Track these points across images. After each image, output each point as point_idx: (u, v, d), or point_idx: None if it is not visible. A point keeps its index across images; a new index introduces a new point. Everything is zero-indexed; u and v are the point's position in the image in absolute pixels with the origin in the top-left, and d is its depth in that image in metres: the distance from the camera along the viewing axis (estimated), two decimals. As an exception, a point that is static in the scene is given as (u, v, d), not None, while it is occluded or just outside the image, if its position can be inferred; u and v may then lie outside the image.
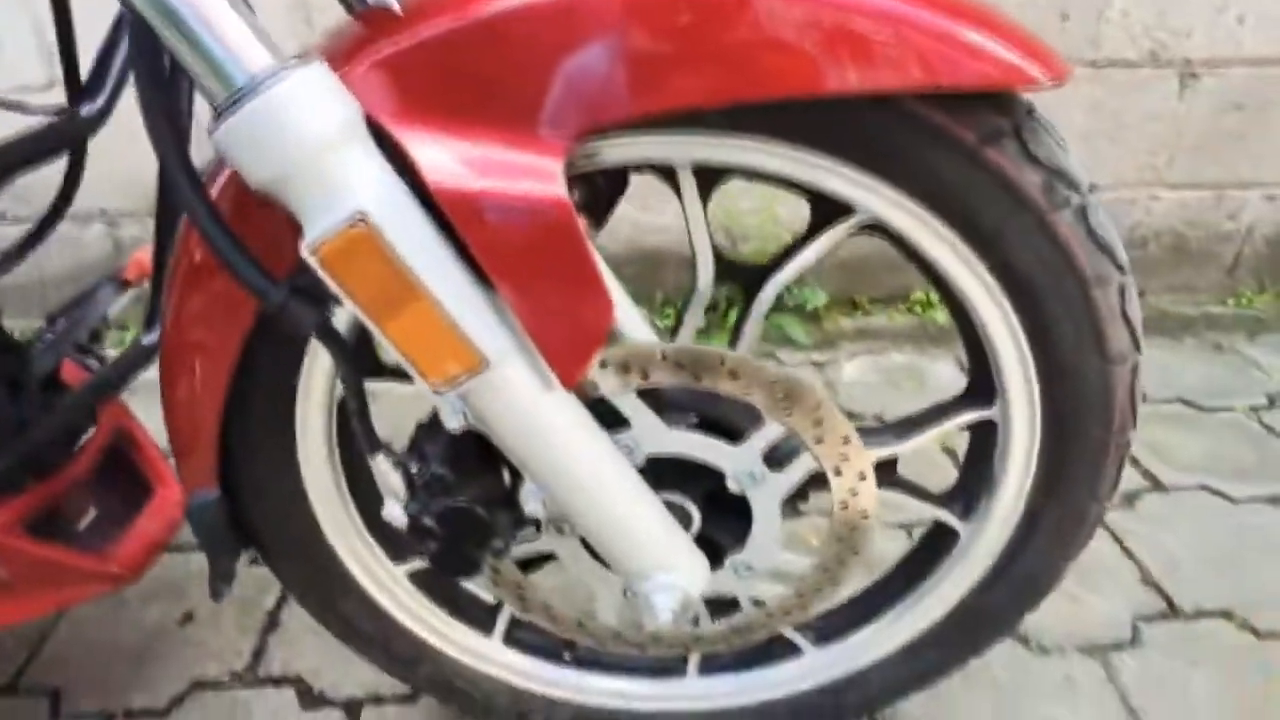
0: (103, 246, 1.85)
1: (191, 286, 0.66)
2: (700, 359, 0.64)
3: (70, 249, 1.86)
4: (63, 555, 0.83)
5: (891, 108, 0.57)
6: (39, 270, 1.87)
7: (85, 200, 1.82)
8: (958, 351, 1.90)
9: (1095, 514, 0.77)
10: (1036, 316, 0.65)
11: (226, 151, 0.47)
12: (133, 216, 1.82)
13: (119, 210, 1.83)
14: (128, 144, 1.77)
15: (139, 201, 1.83)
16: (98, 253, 1.85)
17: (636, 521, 0.65)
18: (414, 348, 0.52)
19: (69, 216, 1.86)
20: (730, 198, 1.90)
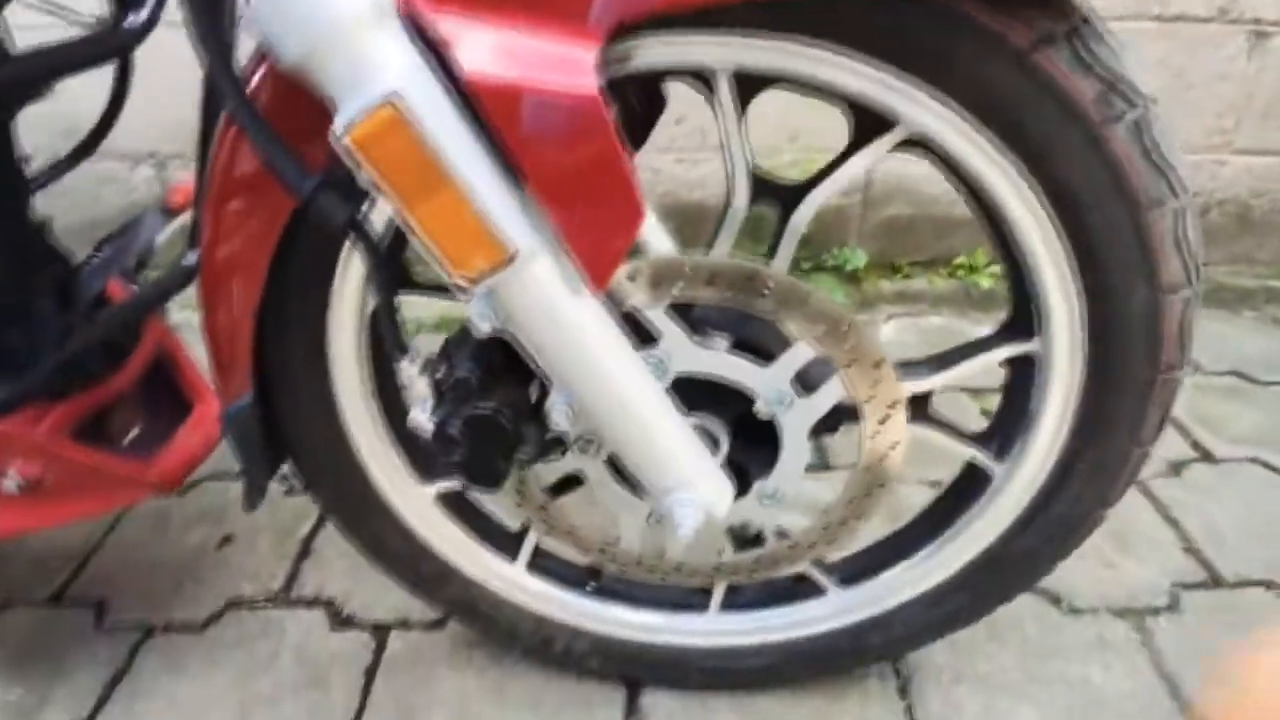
0: (150, 189, 1.89)
1: (227, 193, 0.67)
2: (734, 273, 0.63)
3: (119, 191, 1.90)
4: (106, 461, 0.85)
5: (939, 8, 0.55)
6: (89, 211, 1.92)
7: (134, 142, 1.87)
8: (998, 318, 1.84)
9: (1137, 458, 0.74)
10: (1084, 240, 0.63)
11: (260, 24, 0.47)
12: (180, 159, 1.86)
13: (167, 153, 1.86)
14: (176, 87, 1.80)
15: (186, 144, 1.85)
16: (145, 194, 1.89)
17: (662, 435, 0.64)
18: (442, 238, 0.52)
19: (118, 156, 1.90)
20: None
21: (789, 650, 0.95)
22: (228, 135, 0.64)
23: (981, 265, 1.96)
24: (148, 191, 1.89)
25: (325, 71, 0.48)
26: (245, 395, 0.74)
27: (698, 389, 0.71)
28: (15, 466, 0.81)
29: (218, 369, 0.75)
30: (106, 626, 1.12)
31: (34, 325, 0.81)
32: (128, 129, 1.88)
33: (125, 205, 1.88)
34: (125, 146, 1.85)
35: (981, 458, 0.81)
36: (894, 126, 0.62)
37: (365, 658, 1.08)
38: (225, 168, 0.65)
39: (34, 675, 1.05)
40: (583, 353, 0.59)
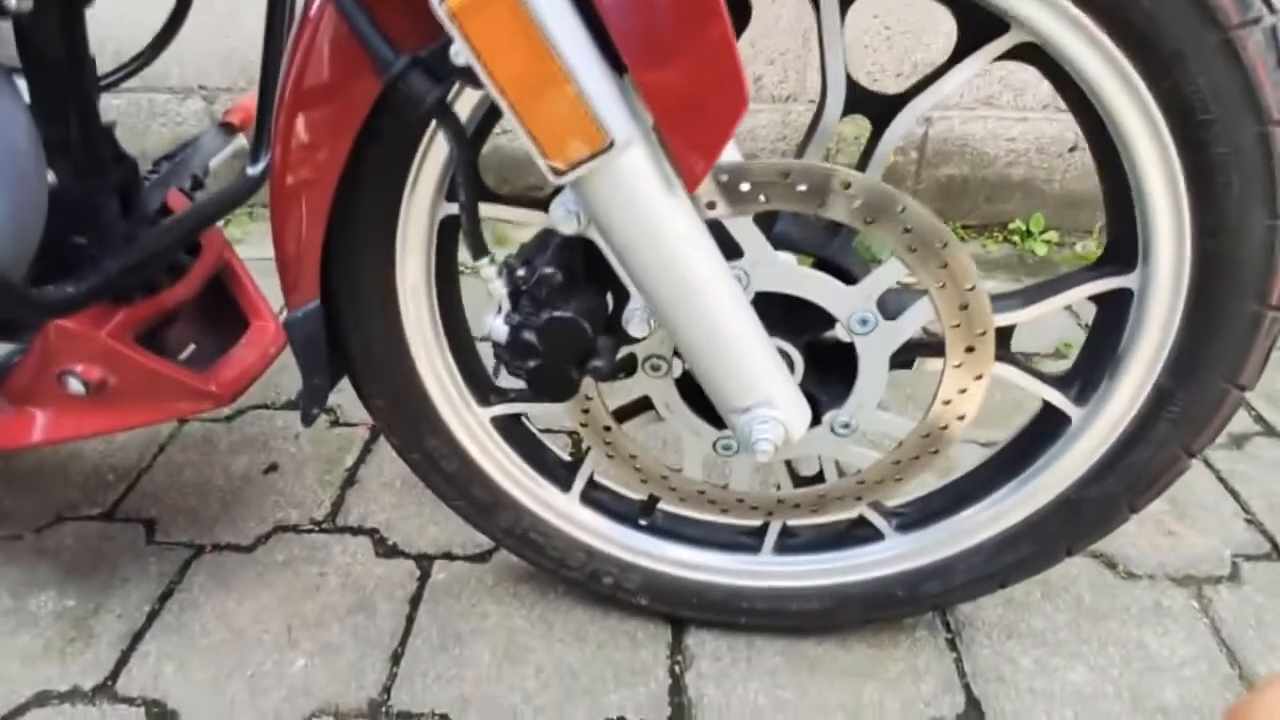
0: (200, 121, 1.89)
1: (302, 97, 0.65)
2: (825, 179, 0.60)
3: (168, 123, 1.90)
4: (167, 368, 0.85)
5: (1075, -107, 0.51)
6: (138, 144, 1.92)
7: (184, 75, 1.86)
8: (1055, 285, 1.80)
9: (1232, 402, 0.71)
10: (1203, 159, 0.59)
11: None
12: (230, 92, 1.85)
13: (217, 86, 1.86)
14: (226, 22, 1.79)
15: (236, 78, 1.85)
16: (196, 127, 1.89)
17: (745, 349, 0.62)
18: (539, 119, 0.50)
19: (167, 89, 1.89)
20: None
21: (841, 595, 0.94)
22: (303, 38, 0.63)
23: (1038, 231, 1.91)
24: (197, 124, 1.89)
25: (428, -68, 0.46)
26: (312, 301, 0.73)
27: (773, 307, 0.69)
28: (80, 368, 0.81)
29: (284, 274, 0.74)
30: (157, 542, 1.14)
31: (100, 225, 0.80)
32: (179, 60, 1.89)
33: (174, 138, 1.88)
34: (175, 79, 1.85)
35: (1060, 399, 0.78)
36: (1004, 31, 0.59)
37: (410, 586, 1.08)
38: (300, 72, 0.64)
39: (87, 586, 1.07)
40: (672, 255, 0.57)
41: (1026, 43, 0.59)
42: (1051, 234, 1.92)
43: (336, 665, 0.97)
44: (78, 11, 0.72)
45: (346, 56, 0.60)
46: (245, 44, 1.81)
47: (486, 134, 0.69)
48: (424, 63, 0.52)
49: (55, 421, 0.84)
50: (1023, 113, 1.79)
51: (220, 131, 1.13)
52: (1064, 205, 1.90)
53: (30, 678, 0.95)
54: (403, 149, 0.68)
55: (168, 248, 0.84)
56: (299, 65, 0.63)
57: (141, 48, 0.98)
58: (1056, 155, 1.84)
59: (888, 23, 1.71)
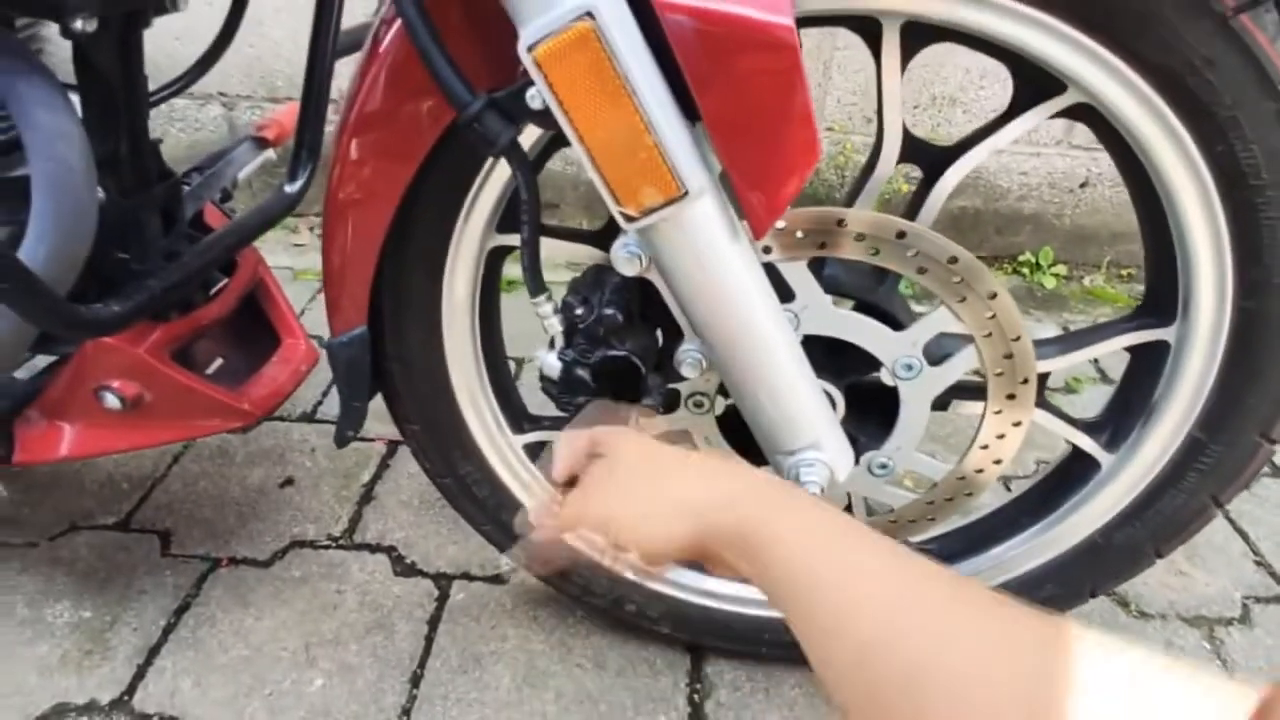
0: (219, 128, 1.88)
1: (366, 125, 0.66)
2: (880, 228, 0.61)
3: (186, 128, 1.90)
4: (202, 385, 0.85)
5: (1140, -36, 0.52)
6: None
7: (204, 82, 1.86)
8: (1062, 319, 1.82)
9: (1264, 454, 0.72)
10: (1252, 222, 0.60)
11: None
12: (249, 100, 1.85)
13: (236, 93, 1.86)
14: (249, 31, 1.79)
15: (256, 86, 1.85)
16: (214, 134, 1.88)
17: (796, 394, 0.63)
18: (615, 166, 0.51)
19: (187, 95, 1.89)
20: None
21: (864, 629, 0.94)
22: (372, 65, 0.63)
23: (1046, 264, 1.93)
24: (216, 131, 1.88)
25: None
26: (359, 327, 0.73)
27: (817, 348, 0.69)
28: (117, 383, 0.80)
29: (331, 297, 0.74)
30: (172, 554, 1.13)
31: (144, 242, 0.80)
32: (200, 67, 1.86)
33: (191, 144, 1.88)
34: (195, 86, 1.84)
35: (1091, 445, 0.79)
36: (1061, 90, 0.60)
37: (429, 606, 1.08)
38: (367, 97, 0.64)
39: (103, 598, 1.06)
40: (733, 301, 0.57)
41: (1080, 102, 0.61)
42: (1060, 267, 1.94)
43: (355, 686, 0.97)
44: (137, 32, 0.73)
45: (416, 89, 0.61)
46: (267, 53, 1.81)
47: (541, 168, 0.70)
48: (499, 104, 0.53)
49: (88, 436, 0.84)
50: (1036, 148, 1.82)
51: (252, 145, 1.13)
52: (1073, 240, 1.92)
53: (49, 689, 0.95)
54: (461, 180, 0.68)
55: (208, 265, 0.84)
56: (367, 92, 0.64)
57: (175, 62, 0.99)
58: (1067, 190, 1.87)
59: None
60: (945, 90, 1.77)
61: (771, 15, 0.48)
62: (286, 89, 1.84)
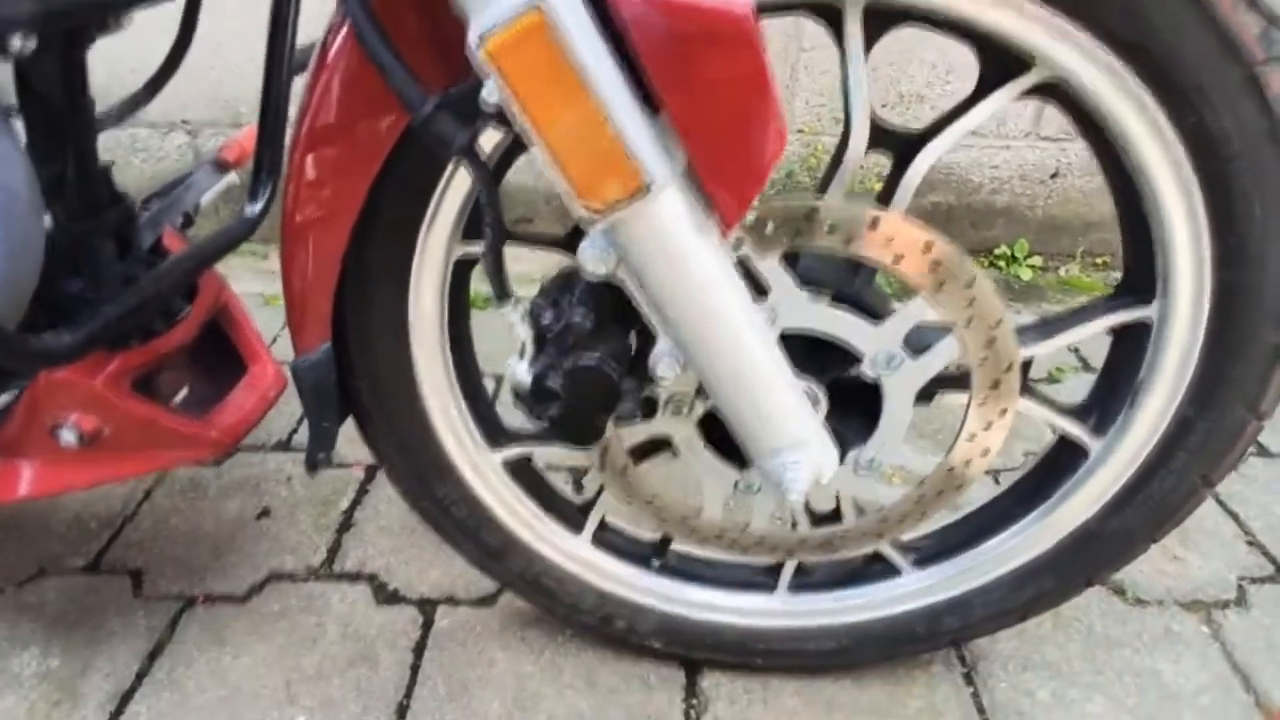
0: (183, 156, 1.86)
1: (319, 137, 0.64)
2: (853, 218, 0.60)
3: (149, 158, 1.87)
4: (164, 417, 0.82)
5: (1100, -65, 0.52)
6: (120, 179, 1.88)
7: (166, 111, 1.83)
8: (1041, 309, 1.82)
9: (1251, 431, 0.72)
10: (1225, 193, 0.60)
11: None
12: (213, 127, 1.82)
13: (200, 120, 1.83)
14: (210, 56, 1.77)
15: (219, 113, 1.83)
16: (177, 163, 1.85)
17: (776, 393, 0.61)
18: (575, 161, 0.49)
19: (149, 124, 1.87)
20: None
21: (859, 633, 0.92)
22: (320, 78, 0.62)
23: (1022, 256, 1.94)
24: (179, 159, 1.85)
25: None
26: (323, 345, 0.71)
27: (795, 345, 0.68)
28: (73, 418, 0.77)
29: (293, 317, 0.72)
30: (145, 595, 1.09)
31: (97, 269, 0.78)
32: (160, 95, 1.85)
33: (155, 174, 1.85)
34: (157, 114, 1.82)
35: (1078, 431, 0.77)
36: (1027, 69, 0.59)
37: (413, 634, 1.04)
38: (318, 112, 0.62)
39: (73, 644, 1.02)
40: (705, 298, 0.56)
41: (1047, 80, 0.60)
42: (1036, 259, 1.95)
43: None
44: (80, 51, 0.70)
45: (368, 97, 0.59)
46: (230, 77, 1.79)
47: (504, 173, 0.68)
48: (453, 104, 0.51)
49: (46, 474, 0.80)
50: (1005, 141, 1.83)
51: (213, 168, 1.10)
52: (1047, 230, 1.93)
53: (13, 745, 0.91)
54: (420, 189, 0.67)
55: (166, 291, 0.81)
56: (317, 105, 0.62)
57: (128, 87, 0.96)
58: (1039, 182, 1.88)
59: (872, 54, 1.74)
60: (912, 87, 1.78)
61: (729, 2, 0.47)
62: (250, 114, 1.82)
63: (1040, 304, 1.85)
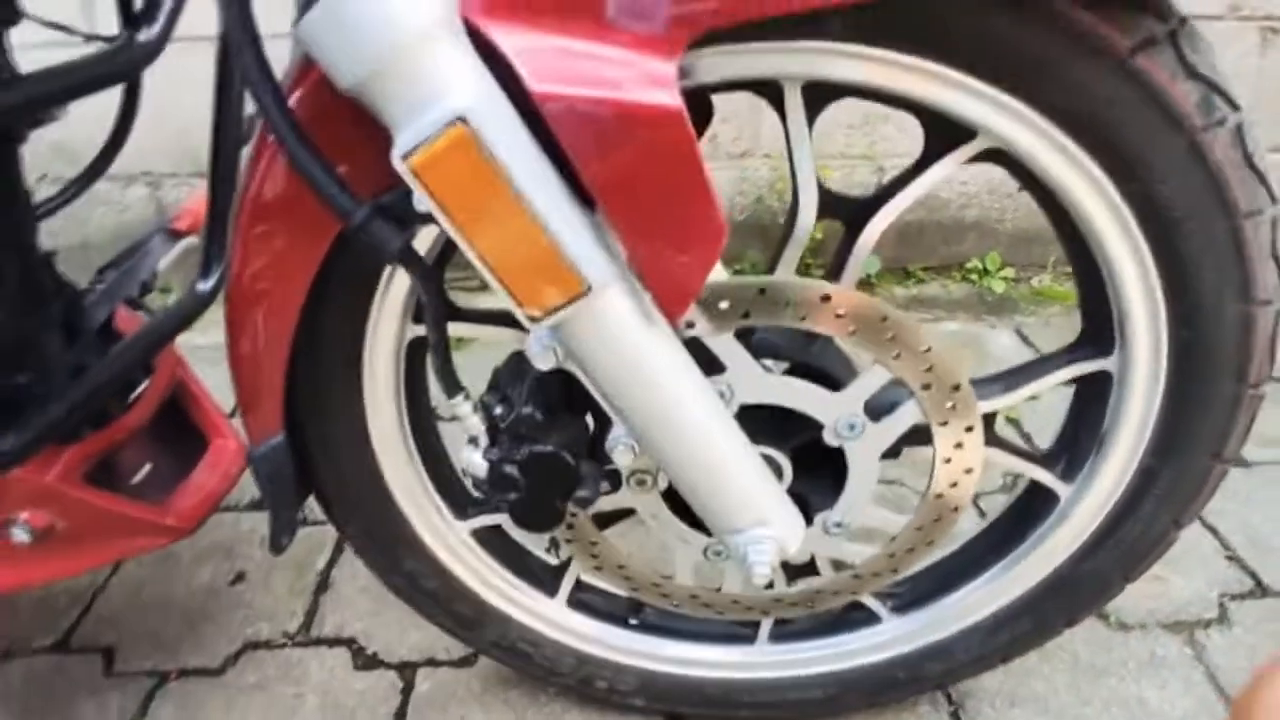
0: (145, 208, 1.83)
1: (261, 220, 0.62)
2: (803, 294, 0.59)
3: (112, 211, 1.84)
4: (121, 506, 0.80)
5: (1035, 12, 0.51)
6: (81, 233, 1.86)
7: (127, 162, 1.80)
8: (1015, 321, 1.83)
9: (1216, 475, 0.71)
10: (1176, 254, 0.59)
11: (313, 46, 0.43)
12: (175, 178, 1.80)
13: (162, 171, 1.81)
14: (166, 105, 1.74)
15: (181, 162, 1.80)
16: (140, 214, 1.83)
17: (734, 471, 0.60)
18: (511, 270, 0.48)
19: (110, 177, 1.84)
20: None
21: (842, 681, 0.91)
22: (262, 156, 0.60)
23: (994, 269, 1.94)
24: (142, 211, 1.83)
25: (386, 92, 0.44)
26: (276, 435, 0.69)
27: (758, 416, 0.67)
28: (25, 516, 0.75)
29: (244, 404, 0.70)
30: (116, 673, 1.07)
31: (43, 364, 0.76)
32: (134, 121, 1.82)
33: (118, 226, 1.82)
34: (117, 167, 1.79)
35: (1048, 478, 0.77)
36: (972, 137, 0.59)
37: (393, 699, 1.03)
38: (259, 191, 0.61)
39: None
40: (655, 388, 0.55)
41: (992, 147, 0.59)
42: (1008, 270, 1.95)
43: (319, 798, 0.92)
44: (10, 149, 0.69)
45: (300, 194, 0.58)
46: (191, 125, 1.75)
47: (448, 261, 0.67)
48: (387, 209, 0.50)
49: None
50: (972, 156, 1.83)
51: (166, 236, 1.09)
52: (1017, 242, 1.93)
53: (-19, 847, 0.88)
54: (367, 273, 0.65)
55: (118, 377, 0.79)
56: (260, 182, 0.60)
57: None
58: (1006, 195, 1.88)
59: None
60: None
61: (654, 95, 0.46)
62: (212, 163, 1.80)
63: (1015, 316, 1.85)
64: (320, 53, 0.43)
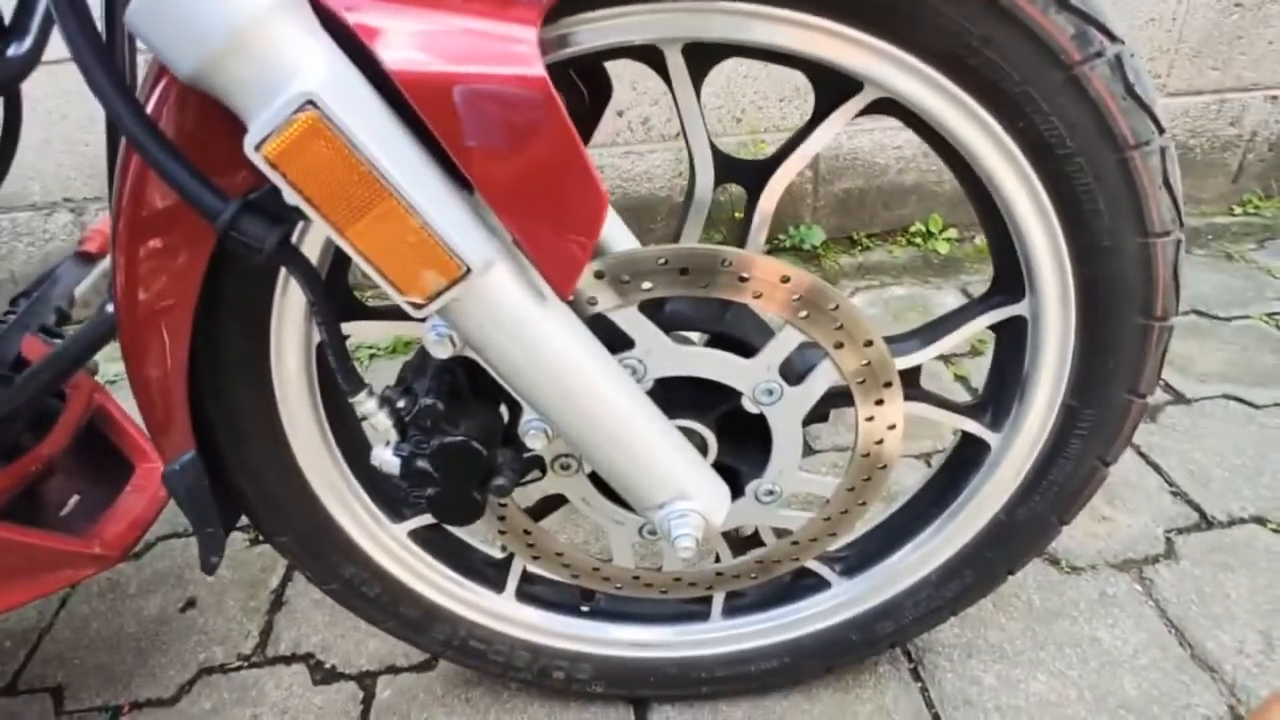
0: (70, 235, 1.78)
1: (138, 231, 0.59)
2: (705, 261, 0.58)
3: (35, 241, 1.79)
4: (41, 539, 0.77)
5: (901, -45, 0.51)
6: (6, 266, 1.80)
7: (47, 189, 1.76)
8: (960, 280, 1.85)
9: (1136, 410, 0.72)
10: (1068, 190, 0.60)
11: (144, 33, 0.41)
12: (98, 201, 1.75)
13: (84, 196, 1.75)
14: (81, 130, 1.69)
15: (101, 187, 1.75)
16: (65, 242, 1.78)
17: (649, 446, 0.59)
18: (385, 258, 0.46)
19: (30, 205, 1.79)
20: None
21: (798, 648, 0.92)
22: (131, 165, 0.57)
23: (937, 231, 1.96)
24: (67, 239, 1.78)
25: (229, 78, 0.42)
26: (186, 452, 0.67)
27: (677, 389, 0.66)
28: (-64, 557, 0.73)
29: (152, 426, 0.68)
30: (67, 711, 1.04)
31: (-59, 399, 0.73)
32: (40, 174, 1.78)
33: (43, 256, 1.77)
34: (37, 194, 1.74)
35: (976, 428, 0.78)
36: (859, 90, 0.58)
37: (354, 711, 1.01)
38: (133, 202, 0.58)
39: (-11, 778, 0.97)
40: (555, 368, 0.54)
41: (880, 98, 0.59)
42: (950, 231, 1.97)
43: (281, 819, 0.90)
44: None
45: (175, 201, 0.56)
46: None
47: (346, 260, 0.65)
48: (258, 204, 0.48)
49: (-83, 619, 0.75)
50: (905, 120, 1.84)
51: (78, 260, 1.05)
52: (957, 203, 1.95)
53: None
54: (260, 278, 0.63)
55: (25, 409, 0.76)
56: (129, 198, 0.57)
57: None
58: (943, 156, 1.90)
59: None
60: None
61: (518, 67, 0.45)
62: (135, 184, 1.75)
63: (960, 275, 1.87)
64: (153, 42, 0.41)
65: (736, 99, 1.78)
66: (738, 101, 1.78)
